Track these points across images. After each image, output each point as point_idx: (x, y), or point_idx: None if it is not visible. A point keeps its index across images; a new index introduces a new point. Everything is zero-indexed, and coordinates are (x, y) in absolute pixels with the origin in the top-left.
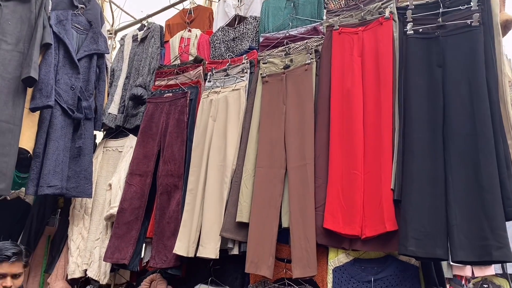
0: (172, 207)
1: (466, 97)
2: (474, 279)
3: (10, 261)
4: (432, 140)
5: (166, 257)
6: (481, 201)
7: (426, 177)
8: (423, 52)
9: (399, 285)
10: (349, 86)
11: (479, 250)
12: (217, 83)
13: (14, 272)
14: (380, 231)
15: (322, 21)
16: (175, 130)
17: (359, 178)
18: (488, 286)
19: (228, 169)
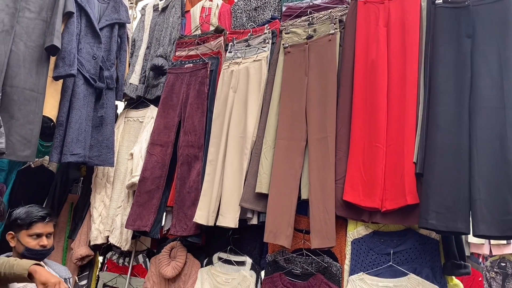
0: (193, 177)
1: (495, 69)
2: (491, 257)
3: (45, 222)
4: (458, 113)
5: (186, 226)
6: (507, 175)
7: (450, 150)
8: (451, 22)
9: (418, 258)
10: (373, 57)
11: (502, 224)
12: (238, 54)
13: (48, 231)
14: (401, 204)
15: None
16: (195, 101)
17: (381, 151)
18: (505, 264)
19: (248, 141)
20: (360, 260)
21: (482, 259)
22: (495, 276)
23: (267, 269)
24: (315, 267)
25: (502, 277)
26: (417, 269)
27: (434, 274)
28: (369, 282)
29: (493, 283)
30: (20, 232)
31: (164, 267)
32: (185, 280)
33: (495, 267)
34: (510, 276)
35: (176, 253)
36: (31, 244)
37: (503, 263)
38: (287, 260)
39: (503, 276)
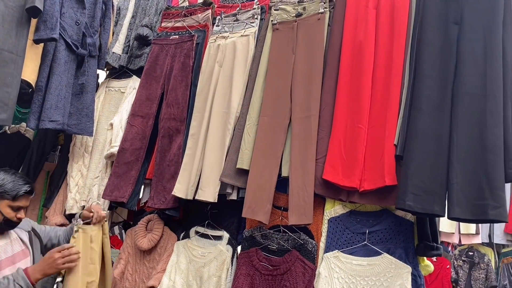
0: (173, 151)
1: (480, 57)
2: (460, 246)
3: (30, 196)
4: (440, 98)
5: (165, 198)
6: (483, 161)
7: (430, 134)
8: (440, 8)
9: (392, 238)
10: (361, 38)
11: (476, 208)
12: (226, 28)
13: (28, 205)
14: (379, 185)
15: None
16: (179, 73)
17: (363, 132)
18: (473, 253)
19: (231, 116)
20: (336, 238)
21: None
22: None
23: (243, 244)
24: (291, 243)
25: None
26: (390, 249)
27: (407, 254)
28: (343, 260)
29: (460, 271)
30: (1, 200)
31: (140, 239)
32: (160, 253)
33: (463, 256)
34: (476, 264)
35: (152, 226)
36: (10, 215)
37: (471, 252)
38: (264, 236)
39: (470, 264)
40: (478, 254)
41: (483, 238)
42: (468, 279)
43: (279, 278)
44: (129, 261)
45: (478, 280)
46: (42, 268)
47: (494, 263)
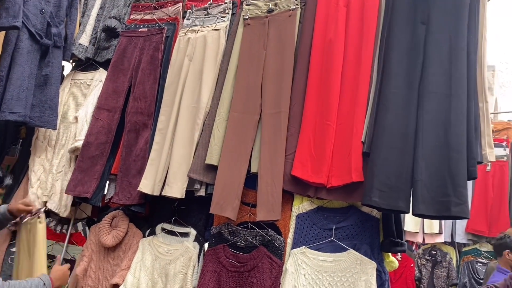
0: (140, 145)
1: (445, 57)
2: (424, 245)
3: None
4: (407, 97)
5: (130, 194)
6: (447, 159)
7: (397, 132)
8: (408, 8)
9: (358, 234)
10: (331, 36)
11: (439, 205)
12: (196, 22)
13: None
14: (346, 181)
15: None
16: (148, 66)
17: (331, 129)
18: (436, 252)
19: (201, 111)
20: (303, 235)
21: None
22: (426, 263)
23: (211, 241)
24: (259, 240)
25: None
26: (356, 245)
27: (372, 250)
28: (310, 256)
29: (423, 270)
30: None
31: (104, 235)
32: (125, 250)
33: (426, 255)
34: (439, 263)
35: (117, 222)
36: None
37: (434, 251)
38: (231, 232)
39: (432, 263)
40: (440, 253)
41: (446, 237)
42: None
43: (246, 274)
44: (93, 259)
45: (440, 278)
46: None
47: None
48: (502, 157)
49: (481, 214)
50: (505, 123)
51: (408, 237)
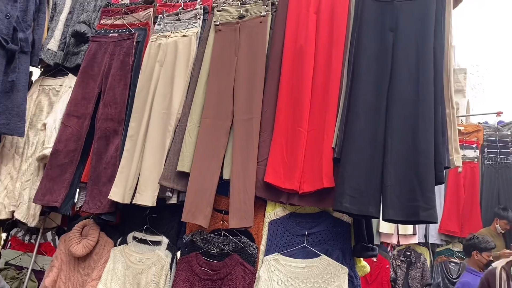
0: (110, 153)
1: (413, 64)
2: (399, 247)
3: None
4: (376, 103)
5: (101, 203)
6: (416, 164)
7: (366, 138)
8: (377, 15)
9: (330, 240)
10: (302, 42)
11: (408, 210)
12: (167, 27)
13: None
14: (318, 187)
15: None
16: (118, 72)
17: (303, 135)
18: (410, 253)
19: (172, 117)
20: (276, 241)
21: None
22: (401, 264)
23: (183, 249)
24: (232, 247)
25: (406, 265)
26: (328, 250)
27: (344, 255)
28: (283, 262)
29: (399, 270)
30: None
31: (74, 245)
32: (96, 259)
33: (401, 256)
34: (413, 264)
35: (88, 231)
36: None
37: (408, 252)
38: (204, 240)
39: (407, 264)
40: (415, 253)
41: (420, 238)
42: (406, 278)
43: (219, 282)
44: (62, 269)
45: (415, 279)
46: None
47: (430, 262)
48: (473, 159)
49: (453, 215)
50: (475, 126)
51: (383, 239)
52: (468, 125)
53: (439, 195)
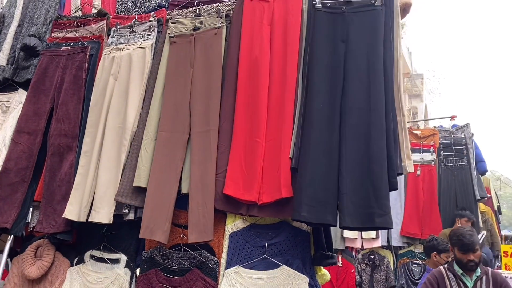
0: (64, 169)
1: (364, 74)
2: (363, 251)
3: None
4: (330, 112)
5: (55, 222)
6: (370, 172)
7: (322, 147)
8: (328, 27)
9: (291, 249)
10: (257, 54)
11: (364, 217)
12: (121, 40)
13: None
14: (276, 198)
15: None
16: (71, 86)
17: (261, 146)
18: (374, 256)
19: (127, 132)
20: (237, 254)
21: (355, 252)
22: (365, 267)
23: (142, 266)
24: (192, 262)
25: (371, 268)
26: (289, 260)
27: (304, 265)
28: (243, 275)
29: (363, 274)
30: None
31: (28, 267)
32: (52, 281)
33: (366, 260)
34: (377, 267)
35: (42, 252)
36: None
37: (372, 255)
38: (164, 256)
39: (371, 267)
40: (378, 257)
41: (383, 242)
42: (371, 281)
43: None
44: None
45: (379, 282)
46: None
47: (393, 264)
48: (430, 162)
49: (414, 217)
50: (431, 130)
51: (347, 243)
52: (424, 129)
53: (399, 198)
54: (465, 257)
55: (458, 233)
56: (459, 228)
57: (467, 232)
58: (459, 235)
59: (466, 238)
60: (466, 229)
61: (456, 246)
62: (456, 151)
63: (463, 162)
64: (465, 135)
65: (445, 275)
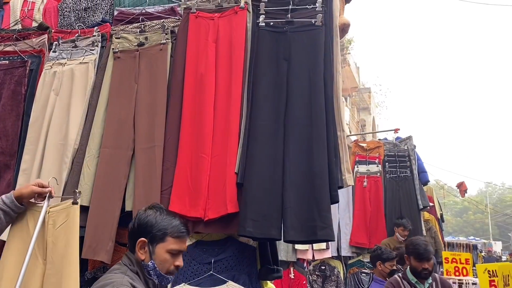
0: (1, 189)
1: (306, 91)
2: (314, 262)
3: None
4: (274, 128)
5: None
6: (312, 185)
7: (266, 162)
8: (272, 45)
9: (237, 265)
10: (202, 71)
11: (307, 230)
12: (63, 54)
13: None
14: (222, 213)
15: (180, 2)
16: (9, 102)
17: (206, 162)
18: (325, 267)
19: (69, 149)
20: (183, 271)
21: (307, 264)
22: (316, 278)
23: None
24: None
25: (322, 279)
26: (235, 276)
27: (251, 279)
28: None
29: (315, 285)
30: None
31: None
32: None
33: (317, 271)
34: (328, 277)
35: None
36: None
37: (323, 266)
38: None
39: (322, 278)
40: (329, 267)
41: (333, 252)
42: None
43: None
44: None
45: None
46: None
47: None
48: (376, 173)
49: (362, 227)
50: (376, 142)
51: (299, 255)
52: (370, 141)
53: (348, 209)
54: (420, 265)
55: (415, 243)
56: (416, 238)
57: (422, 242)
58: (416, 245)
59: (421, 248)
60: (421, 239)
61: (412, 255)
62: (400, 163)
63: (406, 173)
64: (408, 147)
65: (401, 283)
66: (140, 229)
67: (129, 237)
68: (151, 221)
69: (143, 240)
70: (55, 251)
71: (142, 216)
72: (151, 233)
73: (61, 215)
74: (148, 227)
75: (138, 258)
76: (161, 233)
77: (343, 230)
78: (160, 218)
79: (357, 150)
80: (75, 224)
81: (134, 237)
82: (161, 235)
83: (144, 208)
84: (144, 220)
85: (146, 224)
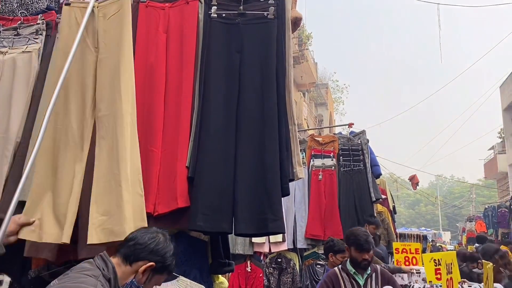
0: None
1: (258, 84)
2: (270, 255)
3: None
4: (226, 121)
5: None
6: (263, 179)
7: (218, 156)
8: (224, 37)
9: (188, 260)
10: (152, 61)
11: (258, 223)
12: (4, 43)
13: None
14: (172, 208)
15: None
16: None
17: (156, 155)
18: (281, 260)
19: (10, 142)
20: None
21: (263, 257)
22: (273, 271)
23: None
24: None
25: (278, 272)
26: (186, 271)
27: (202, 274)
28: None
29: (271, 278)
30: None
31: None
32: None
33: (273, 263)
34: (284, 270)
35: None
36: None
37: (279, 258)
38: (53, 274)
39: (279, 270)
40: (285, 260)
41: (289, 245)
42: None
43: None
44: None
45: (286, 284)
46: None
47: (299, 266)
48: (330, 167)
49: (317, 220)
50: (331, 136)
51: (256, 248)
52: (325, 136)
53: (304, 201)
54: (361, 256)
55: (356, 233)
56: (357, 229)
57: (363, 232)
58: (356, 235)
59: (362, 239)
60: (362, 230)
61: (352, 245)
62: (354, 156)
63: (359, 166)
64: (361, 141)
65: (339, 275)
66: (147, 251)
67: (126, 246)
68: (163, 251)
69: (152, 265)
70: (108, 37)
71: (156, 239)
72: (160, 263)
73: (112, 7)
74: (159, 255)
75: (120, 268)
76: (166, 265)
77: (298, 222)
78: (168, 250)
79: (312, 144)
80: (128, 15)
81: (136, 253)
82: (166, 267)
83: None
84: (155, 244)
85: (158, 251)
